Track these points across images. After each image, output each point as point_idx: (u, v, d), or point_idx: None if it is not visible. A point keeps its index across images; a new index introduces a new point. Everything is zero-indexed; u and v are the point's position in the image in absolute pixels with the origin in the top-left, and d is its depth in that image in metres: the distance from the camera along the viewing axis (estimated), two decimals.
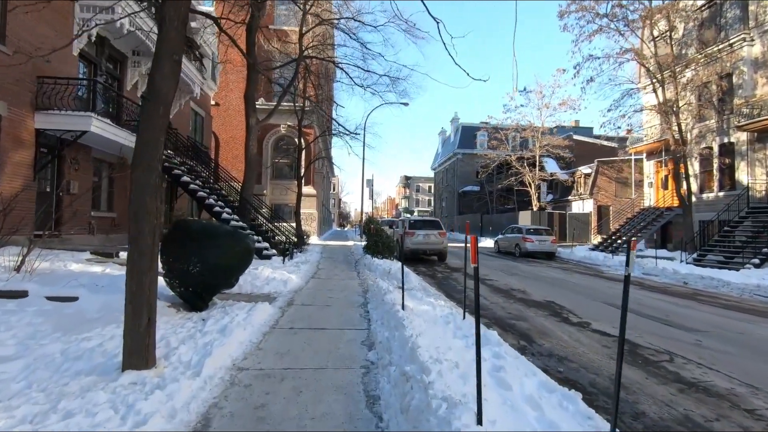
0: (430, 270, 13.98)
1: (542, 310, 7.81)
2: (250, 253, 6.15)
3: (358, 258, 15.17)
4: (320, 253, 17.27)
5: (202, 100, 20.50)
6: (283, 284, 8.62)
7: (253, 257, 6.37)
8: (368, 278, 10.41)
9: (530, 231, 20.06)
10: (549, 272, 13.94)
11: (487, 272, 13.45)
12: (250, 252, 6.13)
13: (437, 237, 15.88)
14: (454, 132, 54.31)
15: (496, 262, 17.18)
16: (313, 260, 14.09)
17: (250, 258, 6.24)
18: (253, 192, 27.60)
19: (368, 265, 12.24)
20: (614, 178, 31.28)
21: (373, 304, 7.15)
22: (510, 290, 10.03)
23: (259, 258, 12.52)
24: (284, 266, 11.61)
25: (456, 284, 10.97)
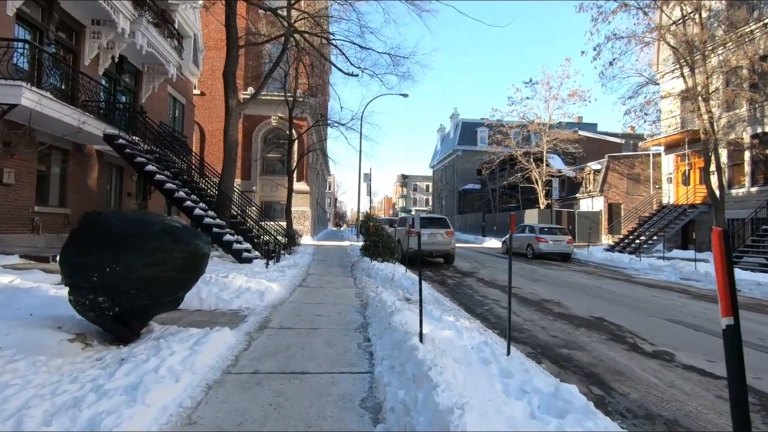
0: (437, 274, 12.15)
1: (596, 332, 5.98)
2: (199, 259, 4.28)
3: (354, 261, 13.31)
4: (312, 255, 15.39)
5: (182, 85, 18.57)
6: (260, 296, 6.74)
7: (205, 264, 4.50)
8: (367, 286, 8.56)
9: (544, 230, 18.27)
10: (575, 277, 12.13)
11: (504, 277, 11.62)
12: (198, 258, 4.26)
13: (444, 237, 14.04)
14: (453, 128, 52.53)
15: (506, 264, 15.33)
16: (302, 263, 12.22)
17: (199, 266, 4.37)
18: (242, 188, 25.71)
19: (367, 269, 10.38)
20: (626, 175, 29.58)
21: (375, 327, 5.29)
22: (542, 301, 8.20)
23: (238, 261, 10.66)
24: (266, 271, 9.74)
25: (473, 293, 9.14)
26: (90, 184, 11.87)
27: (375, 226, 11.96)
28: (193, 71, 19.69)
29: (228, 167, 12.13)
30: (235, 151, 12.38)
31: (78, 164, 11.32)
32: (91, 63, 11.76)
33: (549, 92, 29.62)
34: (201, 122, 25.51)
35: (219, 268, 9.53)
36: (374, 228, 11.84)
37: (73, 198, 11.10)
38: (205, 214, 10.77)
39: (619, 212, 29.63)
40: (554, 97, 28.69)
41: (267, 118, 25.98)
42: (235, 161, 12.39)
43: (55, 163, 10.78)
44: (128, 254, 3.78)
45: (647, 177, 29.76)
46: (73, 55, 11.35)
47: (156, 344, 3.96)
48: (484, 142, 48.91)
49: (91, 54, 11.60)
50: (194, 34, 19.07)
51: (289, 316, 5.93)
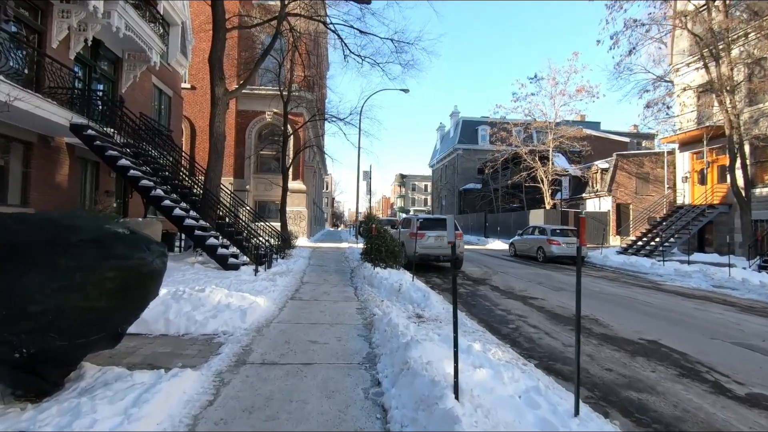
0: (446, 281, 10.96)
1: (659, 363, 4.81)
2: (144, 279, 3.07)
3: (354, 266, 12.11)
4: (308, 259, 14.17)
5: (169, 76, 17.33)
6: (242, 315, 5.53)
7: (156, 285, 3.30)
8: (370, 299, 7.37)
9: (556, 232, 17.11)
10: (600, 285, 10.97)
11: (521, 285, 10.45)
12: (142, 278, 3.05)
13: None
14: (453, 126, 51.41)
15: (522, 269, 14.19)
16: (297, 269, 11.01)
17: (144, 289, 3.16)
18: (235, 187, 24.46)
19: (369, 278, 9.18)
20: (634, 174, 28.51)
21: (387, 362, 4.08)
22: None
23: (223, 268, 9.44)
24: (255, 280, 8.53)
25: (491, 306, 7.94)
26: (59, 181, 10.62)
27: (377, 228, 10.77)
28: (182, 62, 18.44)
29: (214, 163, 10.91)
30: (222, 145, 11.16)
31: (44, 158, 10.07)
32: (60, 46, 10.50)
33: (555, 88, 28.52)
34: (191, 117, 24.27)
35: (200, 277, 8.31)
36: (376, 230, 10.65)
37: (38, 196, 9.84)
38: (186, 215, 9.54)
39: (627, 213, 28.56)
40: (561, 92, 27.58)
41: (261, 113, 24.73)
42: (222, 156, 11.17)
43: (16, 157, 9.52)
44: (30, 275, 2.57)
45: (657, 176, 28.72)
46: (39, 36, 10.10)
47: (77, 404, 2.74)
48: (485, 140, 47.82)
49: (59, 35, 10.35)
50: (182, 22, 17.84)
51: (275, 344, 4.72)
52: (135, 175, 9.35)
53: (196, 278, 8.15)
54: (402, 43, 13.32)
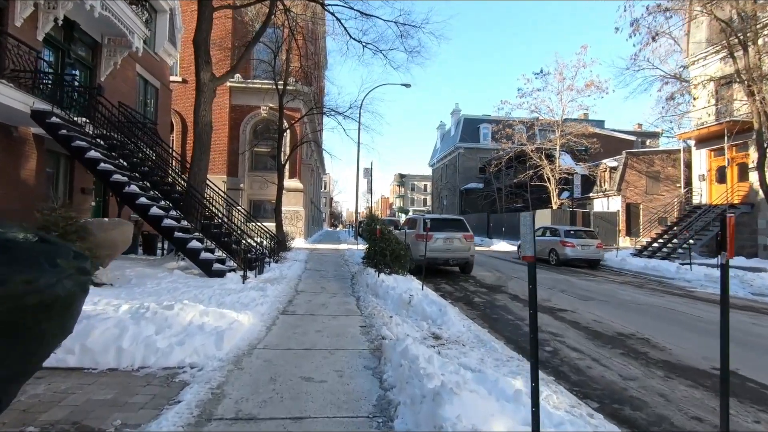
0: (458, 288, 9.84)
1: (762, 409, 3.70)
2: (36, 314, 1.93)
3: (355, 271, 10.99)
4: (304, 263, 13.04)
5: (156, 66, 16.17)
6: (218, 340, 4.41)
7: (66, 318, 2.16)
8: (376, 314, 6.24)
9: (570, 233, 16.02)
10: (629, 293, 9.87)
11: (542, 293, 9.33)
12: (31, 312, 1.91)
13: (462, 241, 11.74)
14: (454, 125, 50.32)
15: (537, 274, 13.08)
16: (291, 275, 9.88)
17: (38, 327, 2.01)
18: (228, 186, 23.30)
19: (373, 286, 8.05)
20: (645, 173, 27.46)
21: (409, 420, 2.93)
22: (620, 337, 5.90)
23: (207, 275, 8.30)
24: (242, 289, 7.39)
25: (518, 322, 6.82)
26: (24, 177, 9.46)
27: (382, 230, 9.63)
28: (170, 51, 17.28)
29: (199, 156, 9.77)
30: (209, 137, 10.02)
31: (5, 151, 8.91)
32: (26, 25, 9.35)
33: (562, 83, 27.44)
34: (182, 112, 23.11)
35: (177, 287, 7.17)
36: (380, 232, 9.52)
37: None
38: (165, 215, 8.39)
39: (637, 213, 27.52)
40: (569, 87, 26.50)
41: (256, 108, 23.58)
42: (208, 149, 10.04)
43: None
44: None
45: (668, 175, 27.70)
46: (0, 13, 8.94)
47: None
48: (486, 139, 46.77)
49: (23, 12, 9.19)
50: (170, 8, 16.68)
51: (257, 384, 3.59)
52: (106, 169, 8.19)
53: (173, 288, 7.01)
54: (407, 26, 12.21)
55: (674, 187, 27.69)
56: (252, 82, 23.32)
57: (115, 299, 5.61)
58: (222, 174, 23.18)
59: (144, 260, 9.86)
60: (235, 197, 23.82)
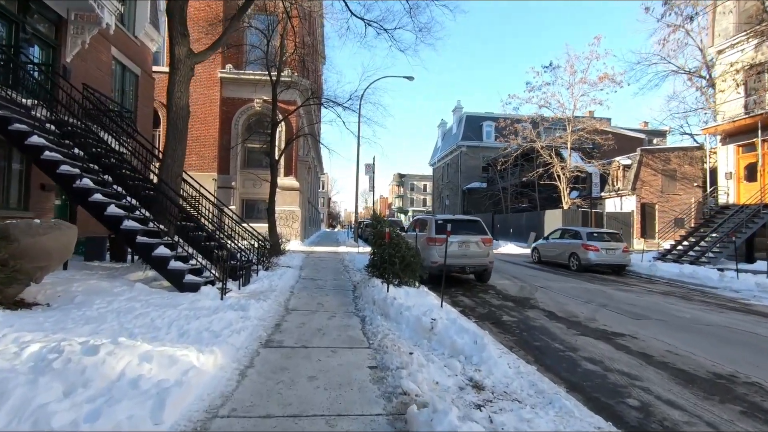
0: (478, 301, 8.32)
1: None
2: None
3: (357, 280, 9.46)
4: (299, 269, 11.52)
5: (136, 51, 14.62)
6: (156, 406, 2.88)
7: None
8: (389, 345, 4.72)
9: (593, 236, 14.53)
10: (681, 309, 8.38)
11: (581, 308, 7.82)
12: None
13: (480, 246, 10.23)
14: (456, 123, 48.84)
15: (561, 281, 11.60)
16: (282, 286, 8.36)
17: None
18: (219, 184, 21.74)
19: (381, 303, 6.52)
20: (660, 171, 26.03)
21: None
22: (719, 380, 4.40)
23: (178, 289, 6.77)
24: (218, 308, 5.86)
25: (568, 352, 5.31)
26: None
27: (391, 233, 8.11)
28: (152, 35, 15.72)
29: (173, 146, 8.22)
30: (185, 124, 8.47)
31: None
32: None
33: (573, 77, 25.97)
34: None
35: (134, 306, 5.63)
36: (390, 236, 7.99)
37: None
38: (125, 215, 6.84)
39: (653, 213, 26.09)
40: (582, 80, 25.00)
41: (249, 101, 22.04)
42: (184, 138, 8.48)
43: None
44: None
45: (685, 173, 26.29)
46: None
47: None
48: (490, 137, 45.32)
49: None
50: None
51: None
52: (51, 159, 6.63)
53: (126, 309, 5.47)
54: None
55: (691, 186, 26.30)
56: (244, 73, 21.81)
57: (31, 332, 4.08)
58: (212, 171, 21.64)
59: (106, 269, 8.31)
60: (227, 196, 22.29)
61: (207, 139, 21.54)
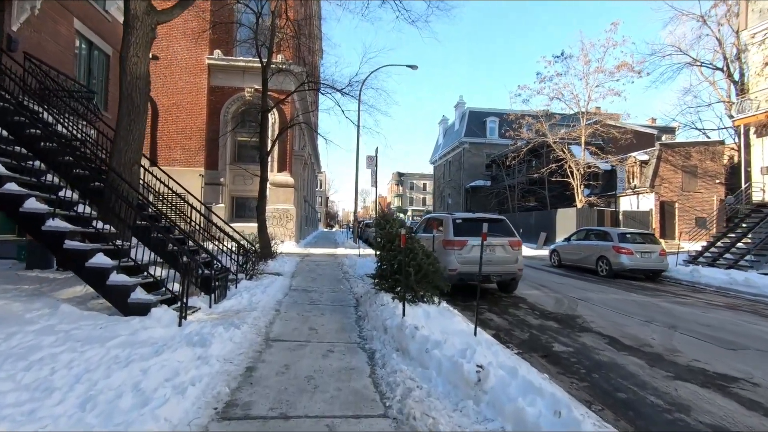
0: (511, 320, 6.61)
1: None
2: None
3: (360, 293, 7.72)
4: (290, 278, 9.79)
5: (107, 28, 12.83)
6: None
7: None
8: (421, 419, 2.99)
9: (626, 237, 12.85)
10: (763, 328, 6.69)
11: (646, 331, 6.11)
12: None
13: (507, 250, 8.52)
14: (459, 118, 47.14)
15: (599, 291, 9.90)
16: (266, 303, 6.62)
17: None
18: (207, 180, 19.97)
19: (395, 331, 4.78)
20: (680, 167, 24.40)
21: None
22: None
23: (121, 312, 5.04)
24: (166, 343, 4.14)
25: (667, 406, 3.60)
26: None
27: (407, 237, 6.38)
28: None
29: (127, 127, 6.48)
30: (144, 97, 6.72)
31: None
32: None
33: (587, 66, 24.30)
34: (154, 95, 19.71)
35: (41, 344, 3.88)
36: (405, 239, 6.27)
37: None
38: (49, 211, 5.11)
39: (672, 212, 24.46)
40: (598, 69, 23.33)
41: (239, 90, 20.29)
42: (142, 115, 6.73)
43: None
44: None
45: (706, 170, 24.66)
46: None
47: None
48: (494, 133, 43.64)
49: None
50: None
51: None
52: None
53: (29, 348, 3.74)
54: None
55: (713, 184, 24.69)
56: (234, 60, 20.05)
57: None
58: (198, 166, 19.87)
59: (38, 282, 6.54)
60: (215, 194, 20.53)
61: (193, 131, 19.78)
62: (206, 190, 19.98)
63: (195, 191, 20.02)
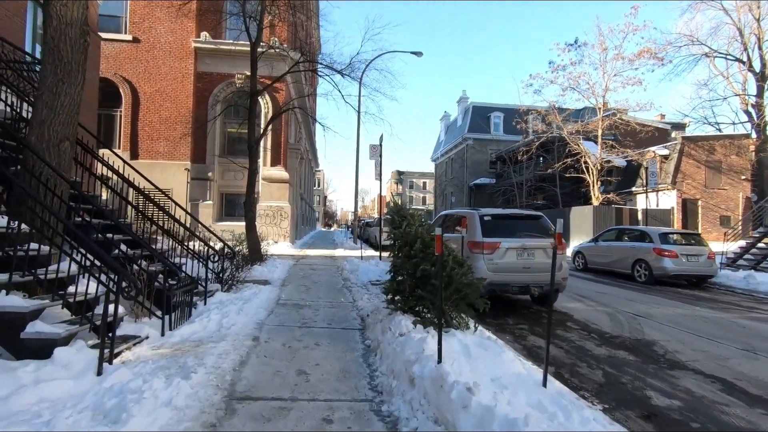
0: (569, 350, 4.94)
1: None
2: None
3: (366, 310, 6.01)
4: (279, 287, 8.10)
5: None
6: None
7: None
8: None
9: (668, 238, 11.20)
10: None
11: (742, 364, 4.45)
12: None
13: (550, 254, 6.84)
14: (461, 114, 45.45)
15: (648, 303, 8.24)
16: (240, 327, 4.92)
17: None
18: (193, 175, 18.24)
19: (425, 384, 3.08)
20: (704, 162, 22.79)
21: None
22: None
23: (12, 355, 3.28)
24: (69, 413, 2.40)
25: None
26: None
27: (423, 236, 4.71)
28: None
29: (52, 88, 4.78)
30: (78, 52, 5.00)
31: None
32: None
33: (604, 54, 22.66)
34: (133, 80, 18.03)
35: None
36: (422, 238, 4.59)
37: None
38: None
39: (695, 210, 22.86)
40: (617, 57, 21.67)
41: (229, 77, 18.55)
42: (75, 76, 5.00)
43: None
44: None
45: (731, 165, 23.08)
46: None
47: None
48: (499, 129, 42.02)
49: None
50: None
51: None
52: None
53: None
54: None
55: (738, 180, 23.10)
56: (223, 43, 18.33)
57: None
58: (184, 160, 18.13)
59: None
60: (202, 189, 18.79)
61: (178, 121, 18.02)
62: (193, 185, 18.26)
63: (180, 187, 18.34)
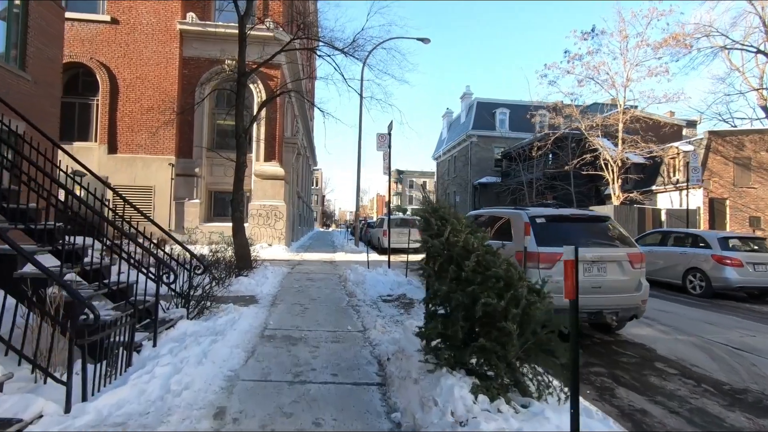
0: (674, 407, 3.26)
1: None
2: None
3: (387, 356, 4.30)
4: (268, 308, 6.38)
5: None
6: None
7: None
8: None
9: (732, 244, 9.53)
10: None
11: None
12: None
13: (626, 269, 5.13)
14: (465, 110, 43.78)
15: (734, 327, 6.59)
16: (195, 395, 3.22)
17: None
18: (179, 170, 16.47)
19: None
20: (732, 159, 21.16)
21: None
22: None
23: None
24: None
25: None
26: None
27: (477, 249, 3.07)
28: None
29: None
30: None
31: None
32: None
33: (625, 42, 21.01)
34: (111, 65, 16.27)
35: None
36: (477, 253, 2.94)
37: None
38: None
39: (723, 211, 21.23)
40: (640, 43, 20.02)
41: (218, 62, 16.72)
42: None
43: None
44: None
45: (761, 162, 21.45)
46: None
47: None
48: (504, 125, 40.31)
49: None
50: None
51: None
52: None
53: None
54: None
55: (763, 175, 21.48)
56: (212, 25, 16.61)
57: None
58: (168, 154, 16.39)
59: None
60: (189, 187, 17.01)
61: (161, 110, 16.28)
62: (178, 182, 16.52)
63: (164, 184, 16.60)
